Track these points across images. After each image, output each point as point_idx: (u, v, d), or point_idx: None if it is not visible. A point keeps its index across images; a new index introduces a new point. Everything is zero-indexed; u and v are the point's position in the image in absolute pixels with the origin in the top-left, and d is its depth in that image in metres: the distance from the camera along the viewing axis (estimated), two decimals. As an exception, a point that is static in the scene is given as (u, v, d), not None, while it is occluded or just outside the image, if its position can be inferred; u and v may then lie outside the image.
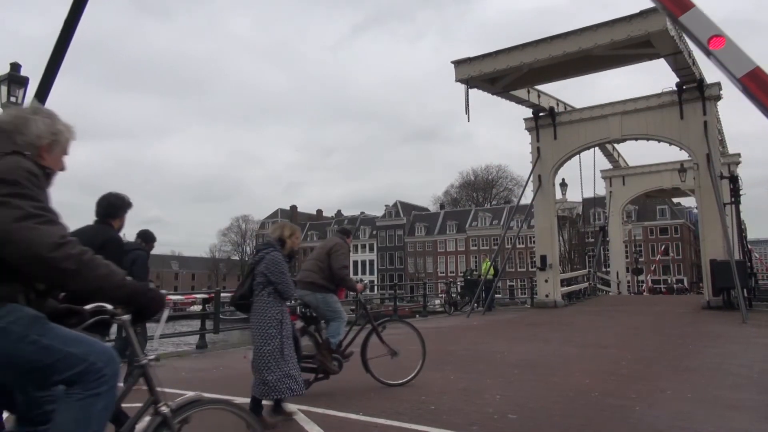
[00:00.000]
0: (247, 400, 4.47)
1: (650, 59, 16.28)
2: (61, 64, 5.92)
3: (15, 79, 9.18)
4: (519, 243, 61.46)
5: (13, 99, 9.13)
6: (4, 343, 1.78)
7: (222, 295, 11.35)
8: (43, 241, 1.76)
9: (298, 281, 5.71)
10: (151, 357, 2.21)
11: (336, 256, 5.87)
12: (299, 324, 5.53)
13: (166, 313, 2.34)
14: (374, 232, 79.79)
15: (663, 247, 65.09)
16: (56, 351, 1.85)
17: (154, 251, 7.63)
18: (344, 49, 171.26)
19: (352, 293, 6.93)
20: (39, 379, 1.89)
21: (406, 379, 5.95)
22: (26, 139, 2.00)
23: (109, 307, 2.06)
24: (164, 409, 2.14)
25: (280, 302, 4.54)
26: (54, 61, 5.87)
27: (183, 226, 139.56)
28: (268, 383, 4.31)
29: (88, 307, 2.07)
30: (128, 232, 5.66)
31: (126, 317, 2.10)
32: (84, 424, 1.86)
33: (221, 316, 11.34)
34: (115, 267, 1.92)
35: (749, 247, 24.20)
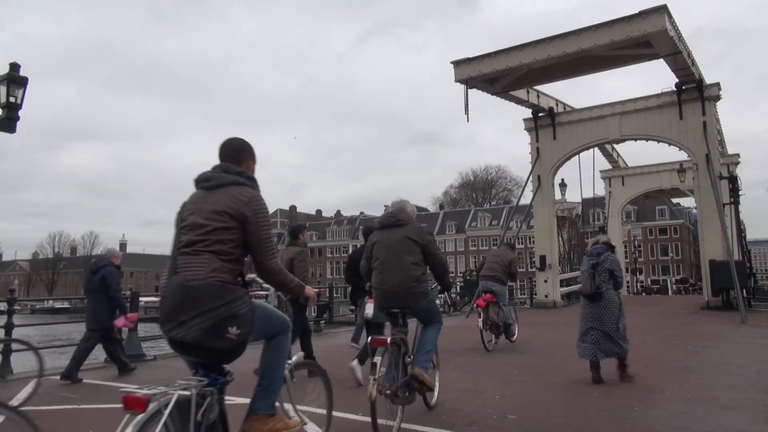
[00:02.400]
0: (245, 400, 4.43)
1: (649, 59, 16.27)
2: None
3: (14, 79, 9.15)
4: (518, 243, 61.45)
5: (12, 99, 9.09)
6: (429, 306, 4.51)
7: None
8: (444, 259, 4.77)
9: (482, 275, 9.25)
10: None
11: (515, 265, 9.47)
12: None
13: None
14: (374, 233, 79.72)
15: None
16: (435, 310, 4.65)
17: (154, 251, 7.76)
18: (351, 55, 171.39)
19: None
20: (426, 316, 4.55)
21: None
22: (408, 215, 4.67)
23: None
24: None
25: (616, 291, 6.19)
26: None
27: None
28: (623, 349, 6.06)
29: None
30: (132, 234, 5.92)
31: None
32: (435, 337, 4.55)
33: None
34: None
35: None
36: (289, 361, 3.02)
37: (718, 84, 17.31)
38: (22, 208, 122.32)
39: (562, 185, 22.53)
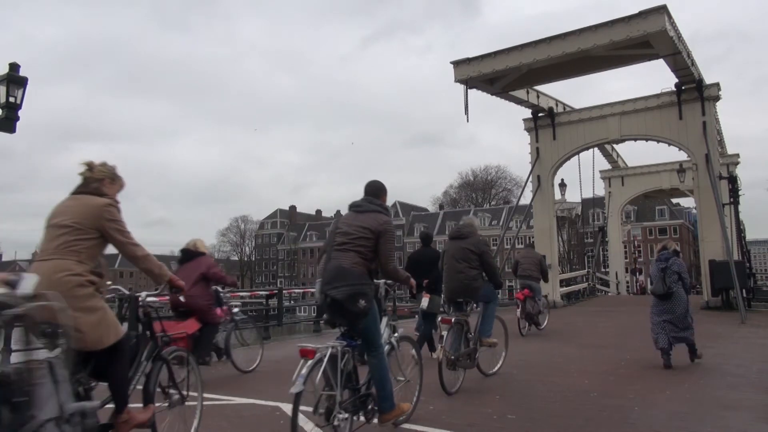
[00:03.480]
0: (247, 400, 4.46)
1: (649, 59, 16.27)
2: None
3: (14, 79, 9.15)
4: (518, 243, 61.37)
5: (12, 99, 9.10)
6: (486, 292, 6.16)
7: (221, 295, 11.27)
8: (495, 265, 6.40)
9: (520, 275, 10.89)
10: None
11: (545, 263, 11.46)
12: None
13: None
14: (373, 233, 79.60)
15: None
16: (493, 294, 6.28)
17: (155, 252, 7.92)
18: (353, 58, 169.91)
19: None
20: (486, 299, 6.18)
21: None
22: (472, 229, 6.29)
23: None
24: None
25: (686, 288, 7.09)
26: None
27: (188, 227, 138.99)
28: (690, 340, 6.99)
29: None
30: (133, 234, 6.09)
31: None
32: (494, 311, 6.23)
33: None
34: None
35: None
36: (395, 335, 4.29)
37: (717, 84, 17.30)
38: (24, 208, 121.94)
39: (562, 185, 22.50)
